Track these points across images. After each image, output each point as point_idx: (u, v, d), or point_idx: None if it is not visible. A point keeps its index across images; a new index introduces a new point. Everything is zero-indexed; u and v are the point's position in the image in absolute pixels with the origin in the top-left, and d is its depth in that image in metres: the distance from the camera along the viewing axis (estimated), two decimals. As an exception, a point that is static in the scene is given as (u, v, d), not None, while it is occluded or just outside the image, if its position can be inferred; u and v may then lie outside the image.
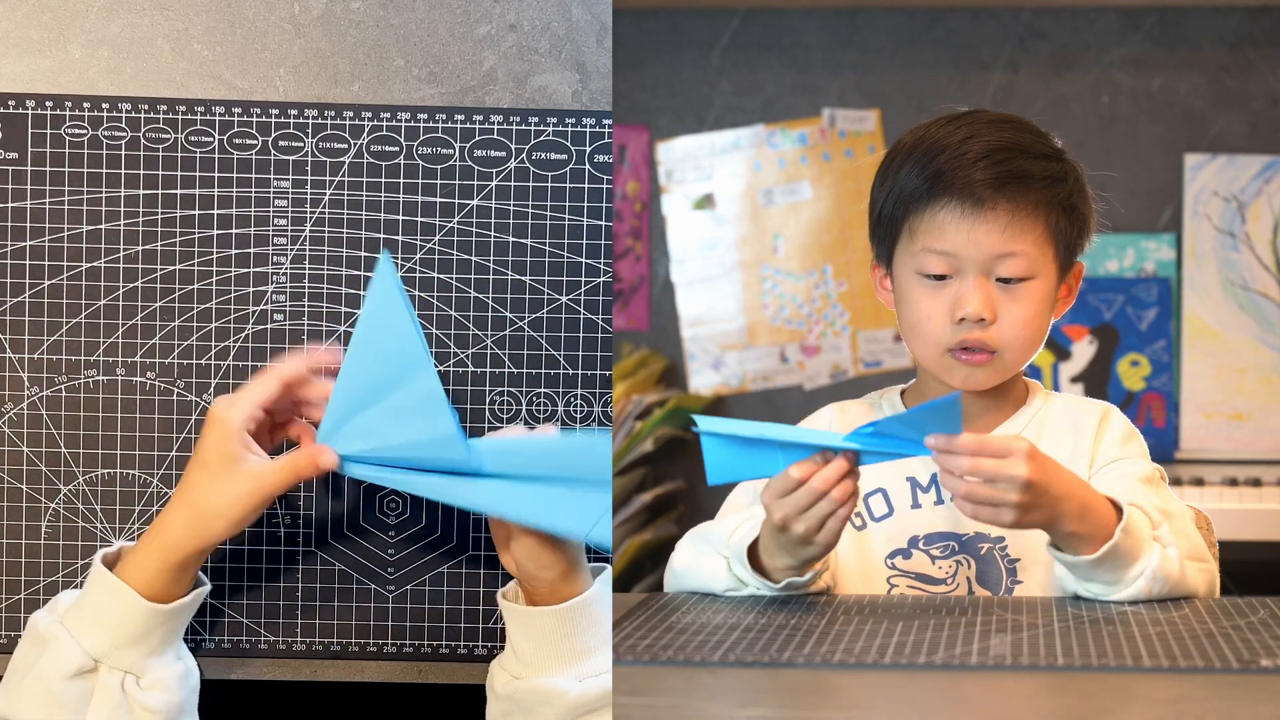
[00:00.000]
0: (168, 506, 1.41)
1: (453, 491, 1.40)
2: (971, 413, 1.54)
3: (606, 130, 1.58)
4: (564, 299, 1.59)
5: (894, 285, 1.54)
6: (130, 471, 1.57)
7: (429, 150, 1.58)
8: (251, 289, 1.57)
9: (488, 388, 1.58)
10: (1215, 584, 1.45)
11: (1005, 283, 1.47)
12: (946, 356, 1.49)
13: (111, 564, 1.43)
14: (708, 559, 1.46)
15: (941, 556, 1.50)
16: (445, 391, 1.58)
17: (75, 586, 1.56)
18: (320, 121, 1.57)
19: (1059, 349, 2.94)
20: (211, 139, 1.57)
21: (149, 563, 1.40)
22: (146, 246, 1.57)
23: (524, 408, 1.58)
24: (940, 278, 1.48)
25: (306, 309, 1.57)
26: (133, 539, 1.56)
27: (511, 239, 1.58)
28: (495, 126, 1.58)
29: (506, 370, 1.58)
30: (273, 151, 1.57)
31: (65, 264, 1.56)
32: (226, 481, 1.39)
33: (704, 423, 1.36)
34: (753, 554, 1.42)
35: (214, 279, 1.57)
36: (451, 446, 1.38)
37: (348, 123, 1.57)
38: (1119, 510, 1.37)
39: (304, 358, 1.46)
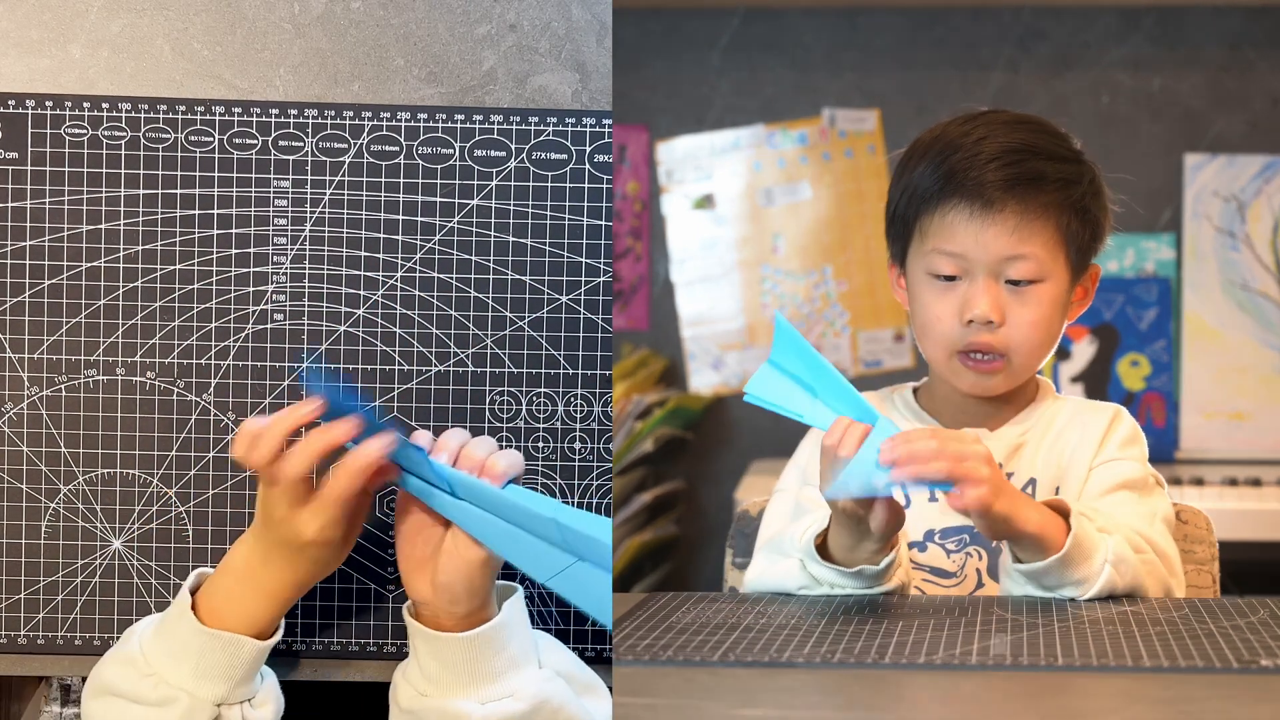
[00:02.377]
0: (268, 562, 1.39)
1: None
2: (982, 412, 1.54)
3: (606, 130, 1.58)
4: (564, 299, 1.59)
5: (906, 285, 1.54)
6: (130, 471, 1.57)
7: (429, 150, 1.58)
8: (251, 289, 1.57)
9: (488, 388, 1.58)
10: (1162, 578, 1.43)
11: (1015, 285, 1.47)
12: (955, 360, 1.49)
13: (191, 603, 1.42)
14: (779, 564, 1.46)
15: (955, 550, 1.50)
16: (445, 392, 1.58)
17: (75, 590, 1.56)
18: (320, 121, 1.57)
19: (1059, 349, 2.94)
20: (211, 139, 1.57)
21: (258, 607, 1.41)
22: (146, 246, 1.56)
23: (524, 408, 1.58)
24: (950, 279, 1.48)
25: (306, 309, 1.57)
26: (131, 540, 1.56)
27: (511, 239, 1.58)
28: (495, 126, 1.58)
29: (506, 370, 1.58)
30: (273, 151, 1.57)
31: (65, 264, 1.56)
32: (341, 550, 1.40)
33: (783, 327, 1.36)
34: (823, 549, 1.42)
35: (214, 279, 1.57)
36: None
37: (348, 123, 1.57)
38: (1061, 514, 1.38)
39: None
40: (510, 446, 1.58)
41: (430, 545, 1.39)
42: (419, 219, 1.58)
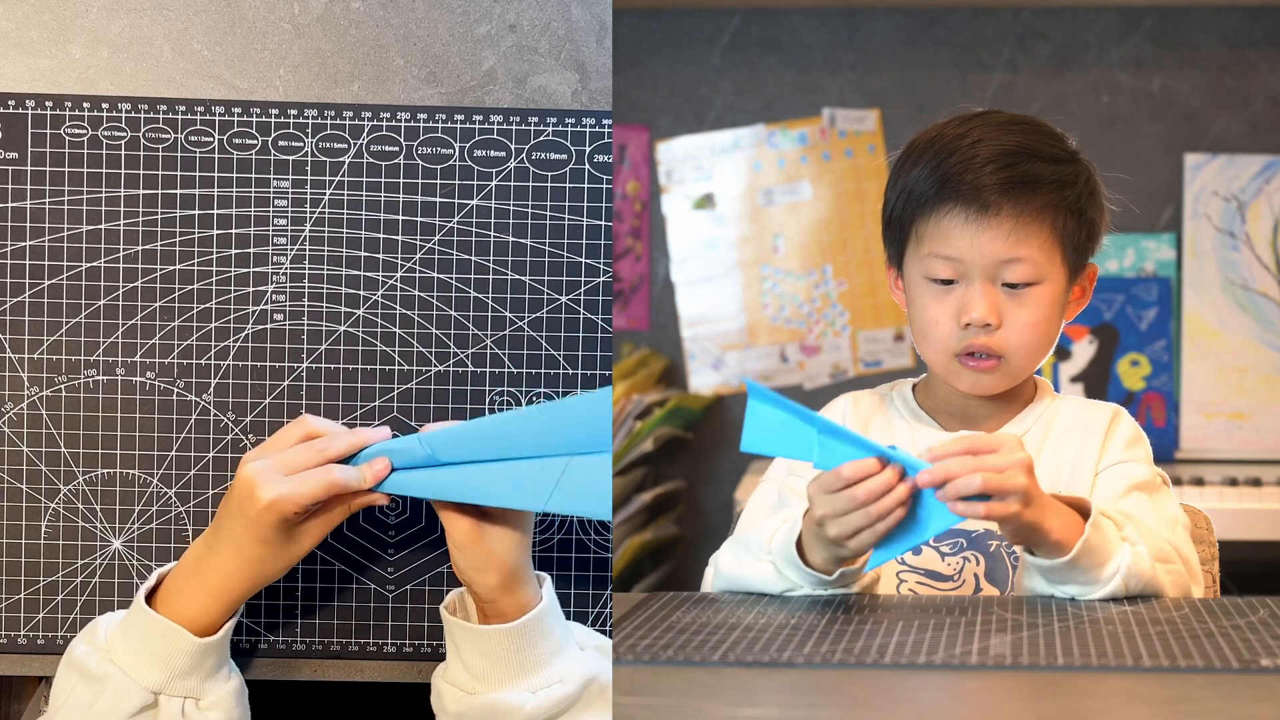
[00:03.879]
0: (214, 551, 1.41)
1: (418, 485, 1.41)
2: (981, 413, 1.54)
3: (606, 130, 1.58)
4: (564, 299, 1.59)
5: (904, 288, 1.54)
6: (130, 471, 1.57)
7: (429, 150, 1.58)
8: (251, 289, 1.57)
9: (488, 388, 1.58)
10: (1185, 587, 1.43)
11: (1012, 287, 1.47)
12: (954, 361, 1.49)
13: (149, 592, 1.43)
14: (750, 565, 1.45)
15: (951, 554, 1.50)
16: (445, 392, 1.58)
17: (75, 590, 1.56)
18: (320, 121, 1.57)
19: (1059, 349, 2.94)
20: (211, 139, 1.57)
21: (203, 602, 1.41)
22: (146, 246, 1.57)
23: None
24: (947, 282, 1.48)
25: (306, 309, 1.58)
26: (131, 540, 1.57)
27: (511, 239, 1.58)
28: (495, 126, 1.58)
29: (506, 370, 1.58)
30: (273, 151, 1.57)
31: (65, 264, 1.56)
32: (288, 550, 1.41)
33: (755, 387, 1.34)
34: (800, 552, 1.41)
35: (214, 279, 1.57)
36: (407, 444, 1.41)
37: (348, 123, 1.57)
38: (1082, 513, 1.37)
39: (362, 474, 1.41)
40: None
41: (485, 545, 1.41)
42: (419, 219, 1.58)
